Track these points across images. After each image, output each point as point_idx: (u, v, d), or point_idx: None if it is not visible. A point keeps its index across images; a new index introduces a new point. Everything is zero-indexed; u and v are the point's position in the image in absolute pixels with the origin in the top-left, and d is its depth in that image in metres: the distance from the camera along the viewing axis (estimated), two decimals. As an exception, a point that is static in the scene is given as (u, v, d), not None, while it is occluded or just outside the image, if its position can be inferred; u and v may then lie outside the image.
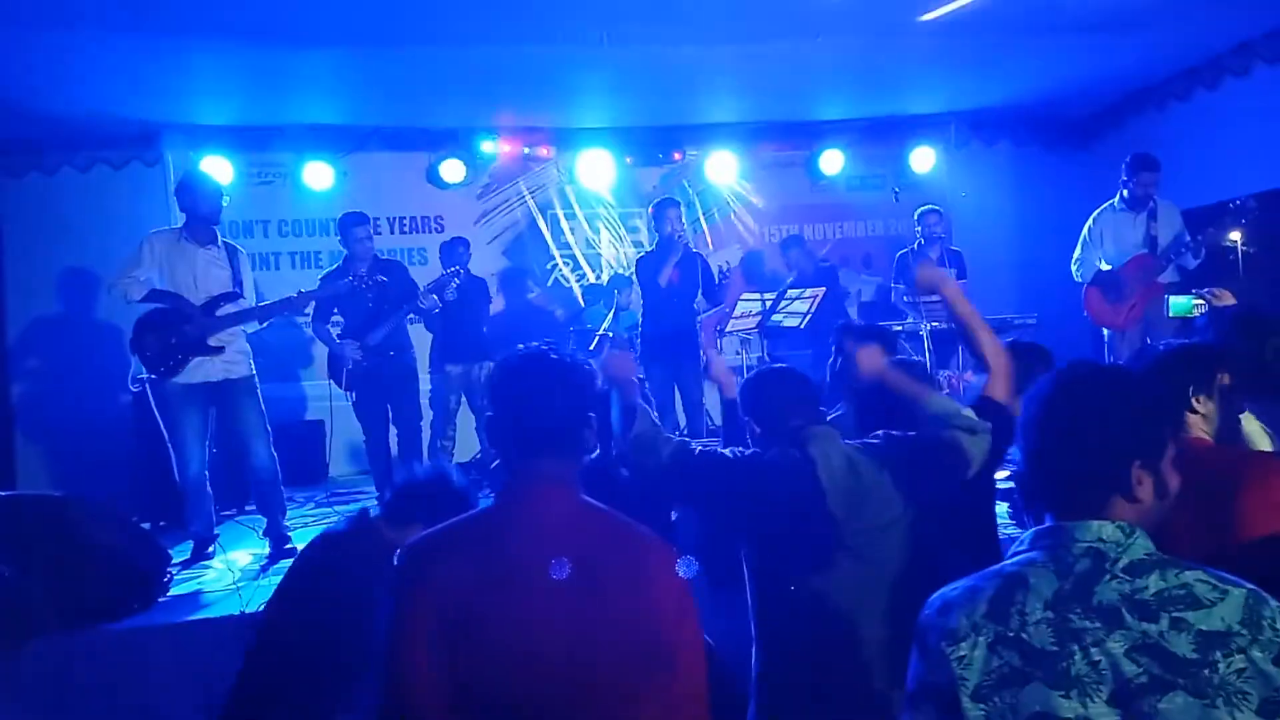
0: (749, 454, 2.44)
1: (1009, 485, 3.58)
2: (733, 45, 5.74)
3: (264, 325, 4.84)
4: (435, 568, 1.58)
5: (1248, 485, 1.98)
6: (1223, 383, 2.24)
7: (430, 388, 6.13)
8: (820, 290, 5.90)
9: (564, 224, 7.90)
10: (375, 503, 4.61)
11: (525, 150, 7.58)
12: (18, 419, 6.75)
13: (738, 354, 6.32)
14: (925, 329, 5.54)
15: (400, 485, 3.00)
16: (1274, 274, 5.49)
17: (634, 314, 6.68)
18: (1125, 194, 5.67)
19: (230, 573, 4.38)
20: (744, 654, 2.53)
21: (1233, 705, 1.17)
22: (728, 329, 6.06)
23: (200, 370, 4.56)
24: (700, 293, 6.03)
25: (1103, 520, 1.33)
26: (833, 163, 7.76)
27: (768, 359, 6.33)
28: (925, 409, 2.37)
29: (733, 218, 8.09)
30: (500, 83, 6.24)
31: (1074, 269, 5.92)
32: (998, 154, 8.09)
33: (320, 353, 6.12)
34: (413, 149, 7.38)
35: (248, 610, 3.67)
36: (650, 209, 6.67)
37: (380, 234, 6.82)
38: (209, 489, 4.69)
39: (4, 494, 1.49)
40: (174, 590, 4.00)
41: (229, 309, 4.62)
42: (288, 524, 4.82)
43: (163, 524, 5.36)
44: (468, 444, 6.35)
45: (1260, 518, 1.93)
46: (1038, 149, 8.04)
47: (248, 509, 5.68)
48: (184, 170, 6.15)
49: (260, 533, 4.81)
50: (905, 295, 6.36)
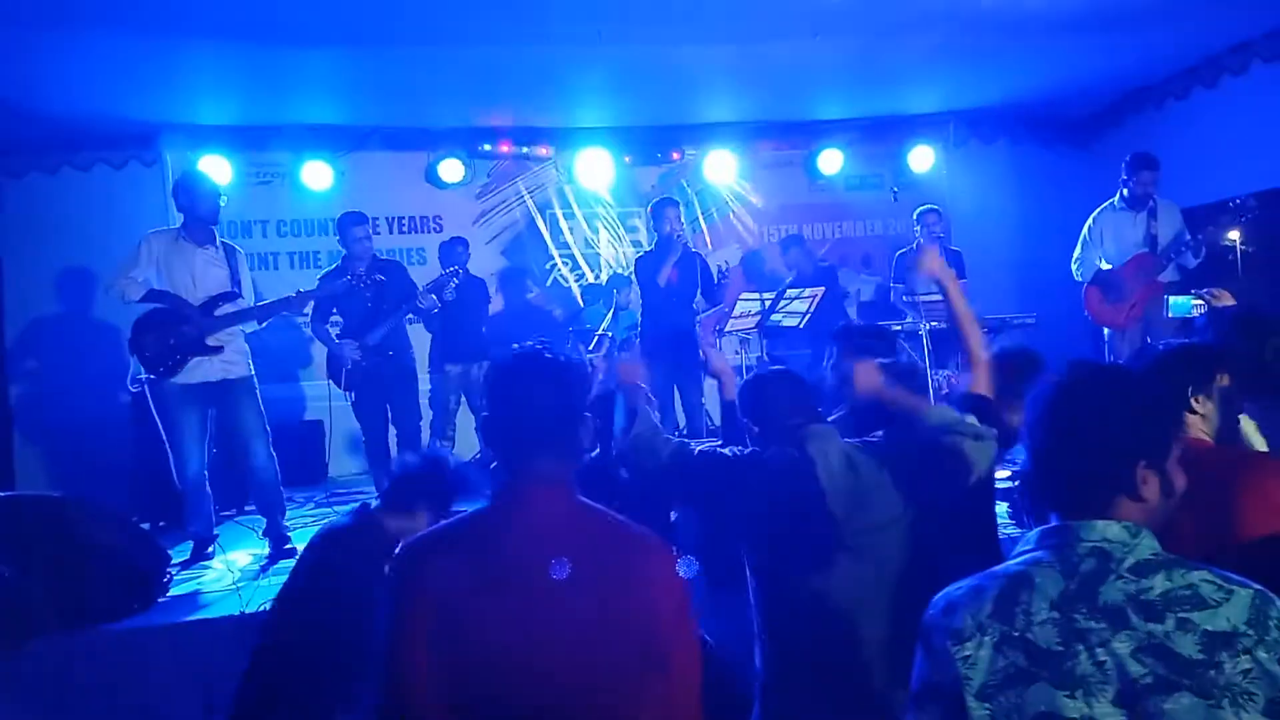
0: (748, 453, 2.44)
1: (1009, 485, 3.58)
2: (731, 45, 5.73)
3: (263, 325, 4.84)
4: (432, 568, 1.57)
5: (1246, 487, 1.98)
6: (1222, 383, 2.24)
7: (429, 388, 6.14)
8: (819, 290, 5.90)
9: (563, 224, 7.89)
10: (376, 501, 4.60)
11: (524, 150, 7.58)
12: (16, 419, 6.74)
13: (737, 353, 6.32)
14: (924, 329, 5.53)
15: (398, 474, 3.00)
16: (1273, 273, 5.50)
17: (633, 314, 6.68)
18: (1125, 193, 5.67)
19: (230, 573, 4.38)
20: (744, 654, 2.53)
21: (1239, 706, 1.17)
22: (727, 328, 6.06)
23: (199, 370, 4.55)
24: (699, 292, 6.04)
25: (1108, 520, 1.33)
26: (831, 162, 7.75)
27: (767, 358, 6.33)
28: (925, 422, 2.35)
29: (731, 217, 8.09)
30: (499, 83, 6.23)
31: (1074, 268, 5.92)
32: (996, 153, 8.08)
33: (319, 353, 6.12)
34: (411, 149, 7.36)
35: (247, 611, 3.67)
36: (649, 209, 6.67)
37: (379, 234, 6.80)
38: (208, 489, 4.69)
39: (3, 494, 1.49)
40: (173, 590, 4.00)
41: (227, 309, 4.62)
42: (287, 524, 4.82)
43: (162, 524, 5.36)
44: (467, 444, 6.35)
45: (1259, 519, 1.93)
46: (1036, 148, 8.03)
47: (247, 509, 5.67)
48: (182, 170, 6.14)
49: (260, 533, 4.81)
50: (904, 295, 6.36)
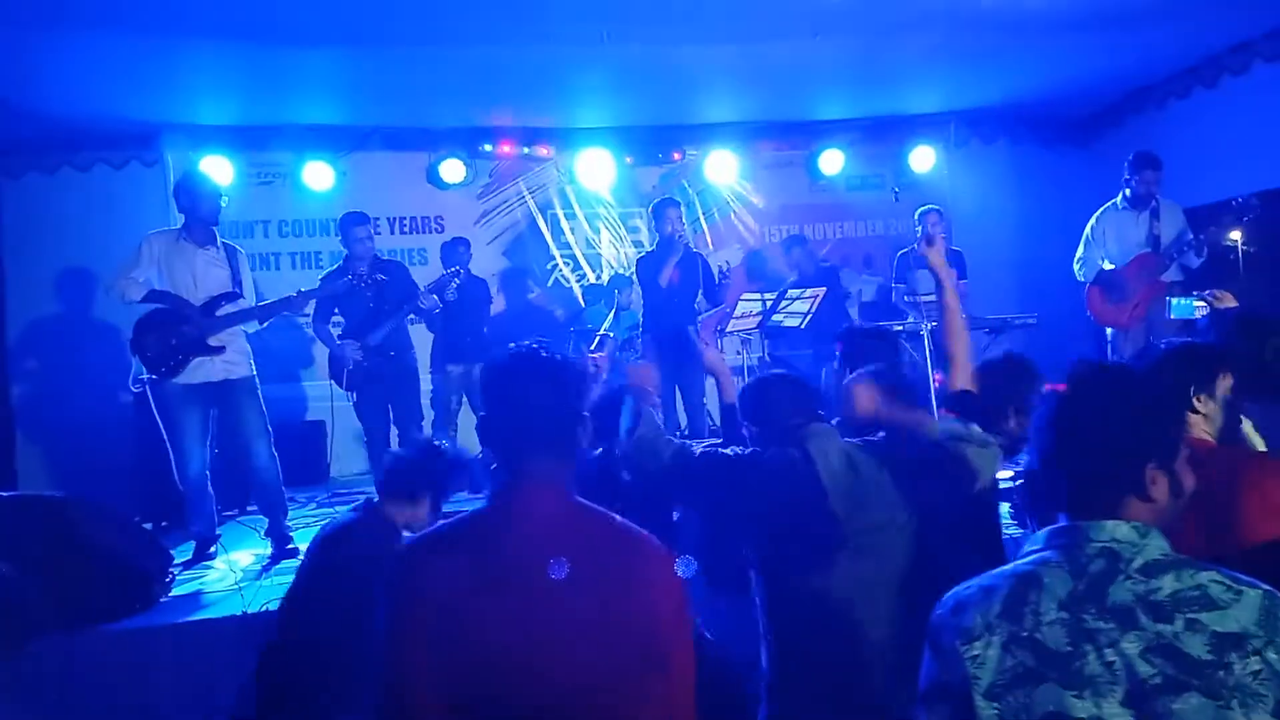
0: (749, 453, 2.44)
1: (1009, 485, 3.57)
2: (732, 45, 5.72)
3: (264, 325, 4.83)
4: (429, 569, 1.57)
5: (1247, 487, 1.98)
6: (1224, 383, 2.24)
7: (431, 388, 6.14)
8: (820, 290, 5.89)
9: (564, 224, 7.89)
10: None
11: (525, 150, 7.57)
12: (18, 419, 6.73)
13: (738, 354, 6.31)
14: (926, 328, 5.52)
15: (393, 463, 2.99)
16: (1275, 273, 5.49)
17: (634, 314, 6.68)
18: (1128, 193, 5.67)
19: (232, 573, 4.37)
20: (748, 654, 2.53)
21: (1248, 707, 1.16)
22: (728, 329, 6.06)
23: (200, 370, 4.55)
24: (701, 293, 6.04)
25: (1117, 520, 1.32)
26: (832, 162, 7.74)
27: (768, 359, 6.33)
28: (927, 437, 2.36)
29: (733, 217, 8.08)
30: (500, 82, 6.23)
31: (1076, 268, 5.91)
32: (997, 153, 8.07)
33: (321, 353, 6.12)
34: (413, 149, 7.36)
35: (249, 611, 3.67)
36: (650, 209, 6.67)
37: (380, 234, 6.80)
38: (210, 489, 4.68)
39: (5, 495, 1.49)
40: (175, 591, 4.00)
41: (229, 309, 4.62)
42: (289, 524, 4.81)
43: (164, 524, 5.35)
44: (469, 444, 6.33)
45: (1260, 519, 1.93)
46: (1038, 148, 8.02)
47: (249, 509, 5.67)
48: (183, 170, 6.14)
49: (262, 533, 4.80)
50: (906, 295, 6.36)
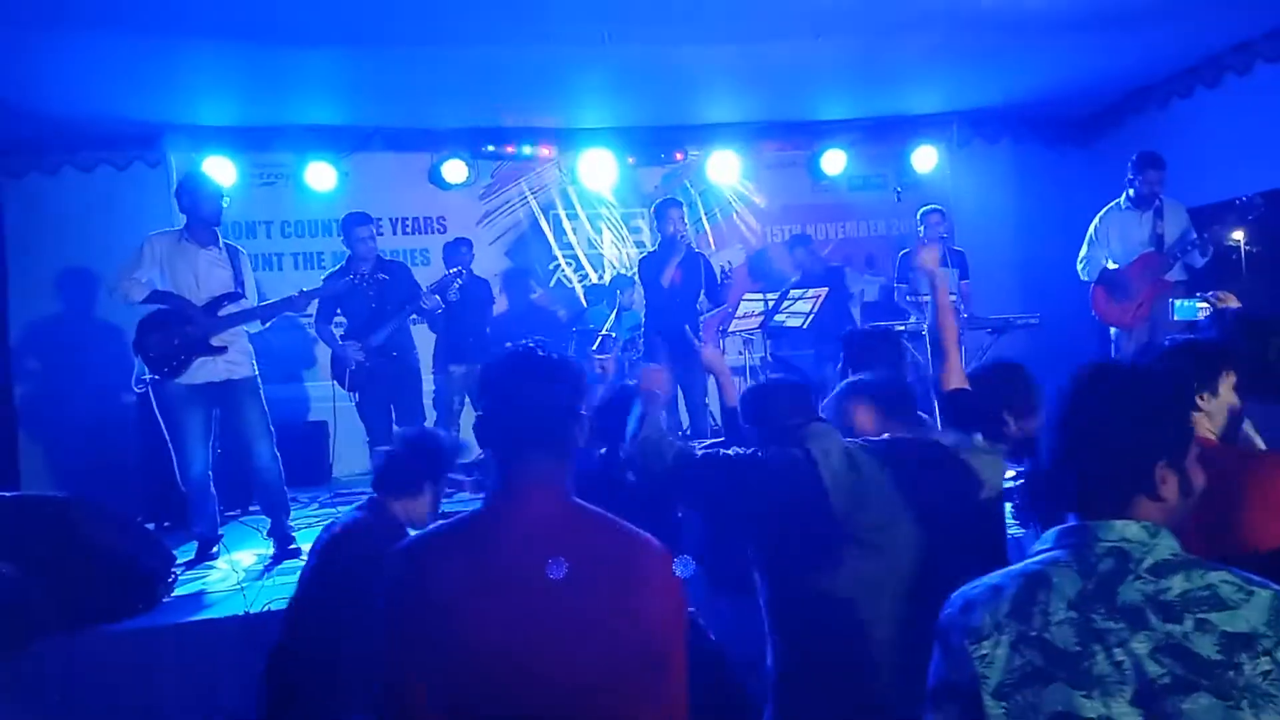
0: (750, 453, 2.44)
1: (1010, 485, 3.56)
2: (734, 45, 5.72)
3: (266, 325, 4.84)
4: (426, 570, 1.57)
5: (1251, 485, 1.98)
6: (1227, 381, 2.24)
7: (434, 388, 6.14)
8: (822, 290, 5.88)
9: (566, 224, 7.89)
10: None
11: (527, 150, 7.57)
12: (21, 419, 6.74)
13: (740, 354, 6.31)
14: (927, 328, 5.52)
15: (390, 456, 2.97)
16: (1278, 272, 5.49)
17: (636, 314, 6.68)
18: (1131, 192, 5.67)
19: (234, 573, 4.37)
20: (748, 655, 2.52)
21: (1257, 707, 1.16)
22: (730, 329, 6.05)
23: (203, 371, 4.55)
24: (703, 293, 6.04)
25: (1127, 520, 1.32)
26: (835, 162, 7.74)
27: (770, 359, 6.33)
28: (929, 437, 2.40)
29: (735, 218, 8.07)
30: (502, 83, 6.23)
31: (1080, 268, 5.91)
32: (1000, 153, 8.06)
33: (323, 353, 6.12)
34: (415, 149, 7.36)
35: (252, 611, 3.67)
36: (652, 209, 6.67)
37: (383, 234, 6.80)
38: (213, 490, 4.68)
39: (7, 495, 1.49)
40: (178, 591, 4.00)
41: (231, 309, 4.62)
42: (291, 524, 4.82)
43: (167, 525, 5.36)
44: (471, 444, 6.33)
45: (1263, 518, 1.93)
46: (1040, 148, 8.02)
47: (252, 509, 5.67)
48: (186, 171, 6.14)
49: (264, 533, 4.80)
50: (908, 295, 6.36)
